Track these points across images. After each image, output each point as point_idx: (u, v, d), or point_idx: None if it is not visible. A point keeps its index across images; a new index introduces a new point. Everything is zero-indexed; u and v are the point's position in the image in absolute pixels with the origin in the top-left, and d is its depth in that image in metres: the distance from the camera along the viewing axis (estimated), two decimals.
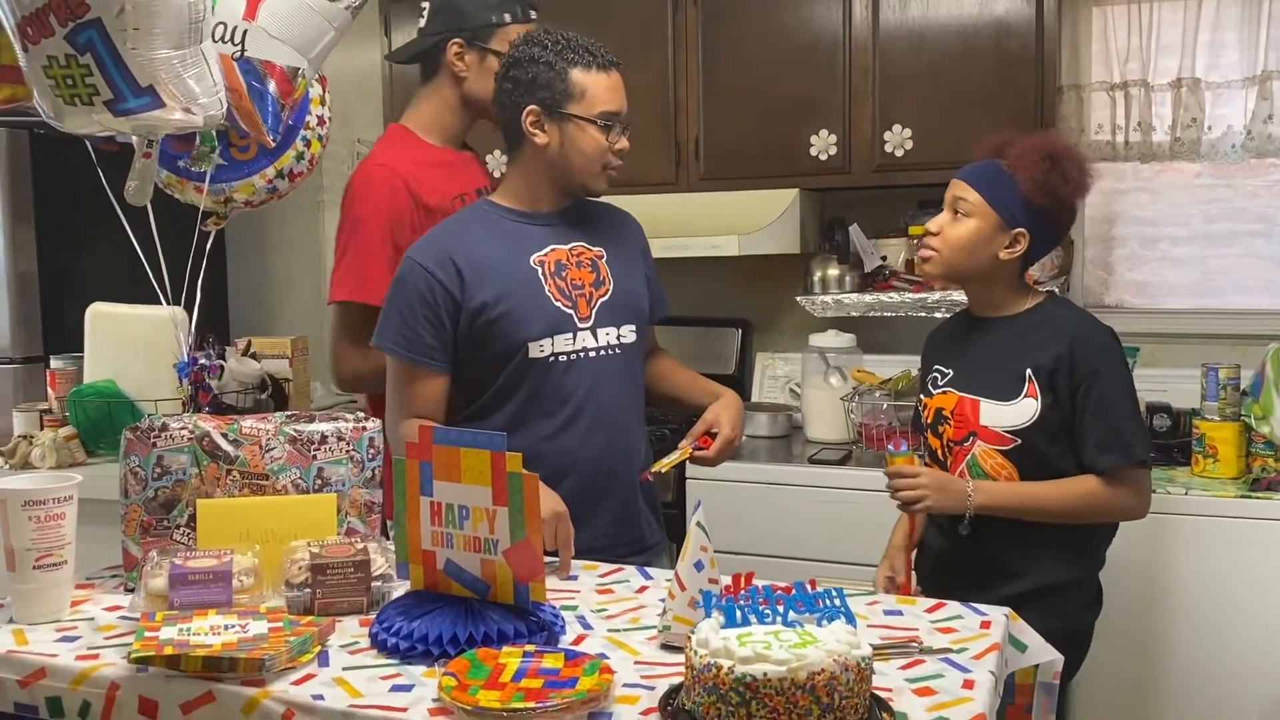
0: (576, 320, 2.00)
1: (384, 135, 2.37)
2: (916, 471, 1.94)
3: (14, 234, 3.36)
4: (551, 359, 1.98)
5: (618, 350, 2.04)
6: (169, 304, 2.22)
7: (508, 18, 2.25)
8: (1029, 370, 1.92)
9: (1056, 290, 2.20)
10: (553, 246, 2.02)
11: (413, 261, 1.98)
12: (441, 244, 2.00)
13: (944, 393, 2.01)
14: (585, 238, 2.06)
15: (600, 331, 2.02)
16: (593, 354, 2.01)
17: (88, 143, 2.10)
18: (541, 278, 1.99)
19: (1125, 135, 3.14)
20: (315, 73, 2.19)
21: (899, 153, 3.06)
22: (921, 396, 2.10)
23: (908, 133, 3.04)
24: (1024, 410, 1.91)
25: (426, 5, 2.32)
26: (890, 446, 1.99)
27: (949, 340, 2.10)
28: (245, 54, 2.03)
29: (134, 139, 1.93)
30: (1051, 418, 1.90)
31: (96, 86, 1.78)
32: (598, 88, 1.95)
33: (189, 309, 2.25)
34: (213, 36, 1.97)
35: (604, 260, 2.06)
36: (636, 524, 2.09)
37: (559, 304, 1.99)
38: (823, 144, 3.12)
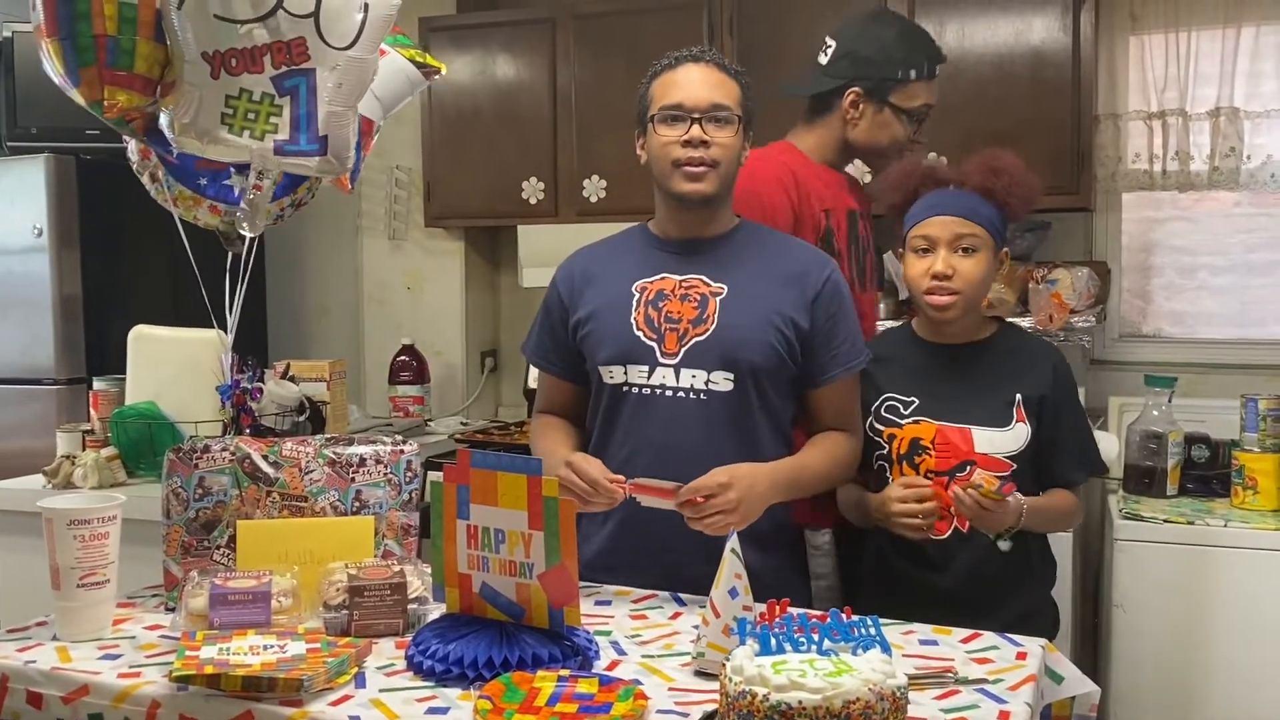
0: (659, 354, 1.88)
1: (771, 145, 2.24)
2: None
3: (59, 258, 3.44)
4: (625, 389, 1.90)
5: (703, 396, 1.86)
6: (216, 327, 2.26)
7: (913, 74, 2.16)
8: (1019, 396, 1.92)
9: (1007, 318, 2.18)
10: (665, 275, 1.92)
11: (556, 270, 2.06)
12: (579, 257, 2.06)
13: (916, 422, 1.94)
14: (712, 272, 1.90)
15: (685, 372, 1.86)
16: (669, 393, 1.87)
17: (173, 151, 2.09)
18: (634, 304, 1.91)
19: (1163, 164, 3.13)
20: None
21: None
22: (880, 427, 1.97)
23: (943, 162, 3.04)
24: (1019, 435, 1.92)
25: (832, 44, 2.23)
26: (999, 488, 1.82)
27: (900, 367, 2.00)
28: None
29: (250, 171, 1.94)
30: (1035, 442, 1.93)
31: (278, 125, 1.80)
32: (656, 88, 1.90)
33: (229, 331, 2.28)
34: None
35: (721, 299, 1.88)
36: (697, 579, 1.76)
37: (640, 333, 1.89)
38: (858, 173, 3.12)
